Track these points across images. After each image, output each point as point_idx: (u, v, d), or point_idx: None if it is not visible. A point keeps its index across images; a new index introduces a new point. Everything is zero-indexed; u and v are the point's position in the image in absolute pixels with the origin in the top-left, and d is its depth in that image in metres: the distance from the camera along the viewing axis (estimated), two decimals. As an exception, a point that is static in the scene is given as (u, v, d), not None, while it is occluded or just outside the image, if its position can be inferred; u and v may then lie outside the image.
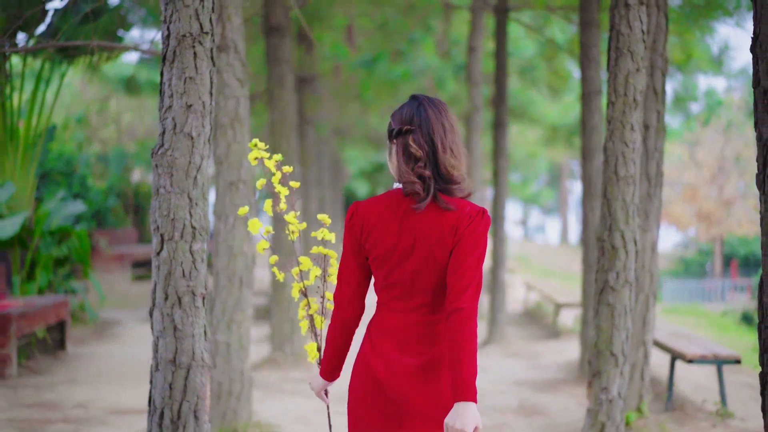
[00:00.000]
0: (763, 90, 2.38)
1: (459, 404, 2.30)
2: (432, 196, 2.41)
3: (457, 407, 2.29)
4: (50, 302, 7.85)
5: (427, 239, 2.42)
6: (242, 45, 4.94)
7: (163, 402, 3.13)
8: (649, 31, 5.29)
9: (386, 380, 2.43)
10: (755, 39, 2.42)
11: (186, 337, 3.13)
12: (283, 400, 6.58)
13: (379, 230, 2.44)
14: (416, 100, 2.50)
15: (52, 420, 5.79)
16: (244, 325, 5.06)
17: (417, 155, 2.41)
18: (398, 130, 2.46)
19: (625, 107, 4.03)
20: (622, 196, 4.08)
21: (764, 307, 2.40)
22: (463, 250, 2.41)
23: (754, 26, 2.41)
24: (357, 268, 2.50)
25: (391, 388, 2.42)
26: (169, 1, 3.12)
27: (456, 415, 2.29)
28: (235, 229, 5.02)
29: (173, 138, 3.11)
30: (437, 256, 2.42)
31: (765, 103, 2.37)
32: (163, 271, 3.12)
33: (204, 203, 3.18)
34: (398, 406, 2.42)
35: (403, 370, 2.42)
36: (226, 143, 5.01)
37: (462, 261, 2.40)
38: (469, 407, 2.29)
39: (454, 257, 2.41)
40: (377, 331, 2.49)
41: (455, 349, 2.34)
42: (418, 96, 2.51)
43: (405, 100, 2.57)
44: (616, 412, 4.15)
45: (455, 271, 2.39)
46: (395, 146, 2.46)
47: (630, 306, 4.16)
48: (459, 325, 2.34)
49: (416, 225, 2.43)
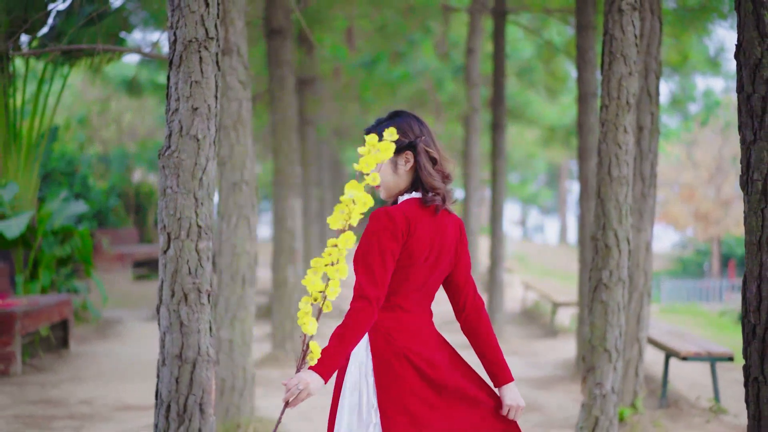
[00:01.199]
0: (747, 95, 2.49)
1: (513, 385, 2.58)
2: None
3: (513, 388, 2.58)
4: (53, 301, 7.95)
5: (450, 244, 2.59)
6: (245, 48, 5.05)
7: (169, 395, 3.23)
8: (644, 35, 5.40)
9: (436, 375, 2.52)
10: (739, 46, 2.53)
11: (192, 333, 3.23)
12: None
13: (418, 236, 2.52)
14: (404, 113, 2.63)
15: (57, 416, 5.89)
16: (246, 322, 5.16)
17: (436, 158, 2.57)
18: (414, 140, 2.56)
19: (618, 110, 4.14)
20: (615, 197, 4.19)
21: (747, 302, 2.52)
22: (467, 250, 2.66)
23: (738, 34, 2.53)
24: (390, 272, 2.51)
25: (443, 379, 2.53)
26: (176, 8, 3.21)
27: (515, 395, 2.57)
28: (238, 228, 5.13)
29: (180, 140, 3.21)
30: (452, 258, 2.61)
31: (748, 108, 2.48)
32: (170, 268, 3.21)
33: (209, 203, 3.28)
34: (459, 394, 2.54)
35: (443, 362, 2.56)
36: (230, 145, 5.11)
37: (468, 259, 2.67)
38: (515, 386, 2.61)
39: (465, 256, 2.64)
40: (398, 332, 2.54)
41: (492, 338, 2.62)
42: (401, 111, 2.65)
43: (402, 103, 2.72)
44: (610, 406, 4.25)
45: (467, 269, 2.65)
46: (420, 155, 2.54)
47: (623, 303, 4.27)
48: (487, 316, 2.64)
49: (441, 230, 2.56)
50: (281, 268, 8.16)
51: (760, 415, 2.52)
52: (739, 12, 2.52)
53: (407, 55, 12.02)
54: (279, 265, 8.18)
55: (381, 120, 2.63)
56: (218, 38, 3.24)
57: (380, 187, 2.58)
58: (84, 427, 5.59)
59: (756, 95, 2.48)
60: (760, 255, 2.49)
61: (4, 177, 9.22)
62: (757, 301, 2.51)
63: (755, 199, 2.48)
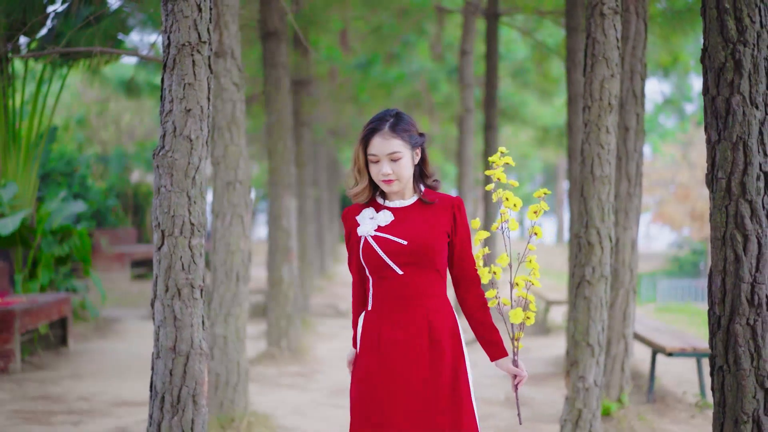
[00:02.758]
0: (711, 97, 2.61)
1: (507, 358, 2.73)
2: None
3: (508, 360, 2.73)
4: (53, 299, 8.06)
5: None
6: (239, 51, 5.16)
7: (163, 387, 3.35)
8: (629, 38, 5.53)
9: None
10: (704, 51, 2.66)
11: (185, 327, 3.35)
12: (280, 393, 6.81)
13: None
14: (394, 110, 2.77)
15: (56, 412, 6.00)
16: (240, 318, 5.28)
17: None
18: (424, 135, 2.79)
19: (600, 111, 4.26)
20: (597, 195, 4.31)
21: (712, 295, 2.64)
22: None
23: (703, 39, 2.65)
24: None
25: None
26: (170, 12, 3.33)
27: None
28: (232, 226, 5.25)
29: (173, 140, 3.32)
30: None
31: (713, 109, 2.61)
32: (164, 264, 3.33)
33: (202, 201, 3.39)
34: None
35: None
36: (224, 145, 5.23)
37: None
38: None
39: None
40: None
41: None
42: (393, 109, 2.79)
43: (397, 103, 2.87)
44: (593, 399, 4.38)
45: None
46: (426, 150, 2.78)
47: (605, 299, 4.39)
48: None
49: None
50: (276, 267, 8.28)
51: (725, 401, 2.64)
52: (704, 18, 2.64)
53: (402, 57, 12.15)
54: (274, 264, 8.30)
55: (387, 115, 2.71)
56: (211, 42, 3.36)
57: (397, 181, 2.68)
58: (83, 422, 5.71)
59: (720, 97, 2.60)
60: (724, 250, 2.61)
61: (3, 177, 9.32)
62: (722, 293, 2.63)
63: (719, 196, 2.61)
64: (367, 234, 2.69)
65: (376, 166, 2.67)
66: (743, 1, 2.55)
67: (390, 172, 2.64)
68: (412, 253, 2.63)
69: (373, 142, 2.65)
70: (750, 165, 2.58)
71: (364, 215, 2.74)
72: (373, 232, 2.69)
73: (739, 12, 2.55)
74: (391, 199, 2.75)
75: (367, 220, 2.72)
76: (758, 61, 2.55)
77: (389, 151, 2.63)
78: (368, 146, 2.67)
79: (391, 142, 2.63)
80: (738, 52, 2.55)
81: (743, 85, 2.56)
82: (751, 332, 2.59)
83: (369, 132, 2.67)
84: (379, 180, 2.68)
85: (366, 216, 2.73)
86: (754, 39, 2.55)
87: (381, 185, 2.71)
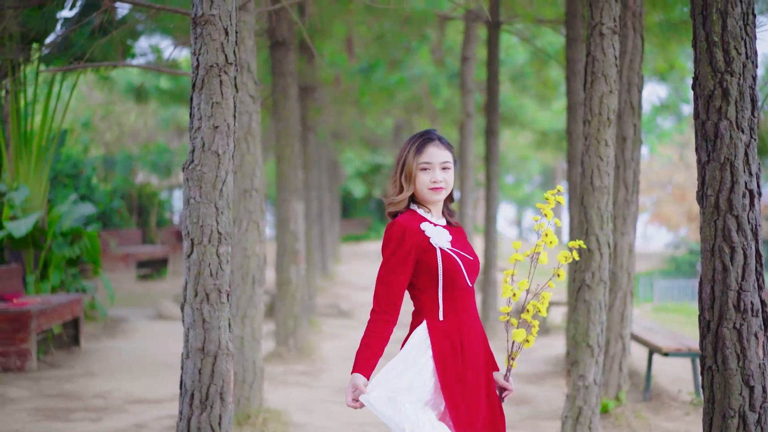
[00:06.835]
0: (702, 122, 2.87)
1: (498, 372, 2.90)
2: None
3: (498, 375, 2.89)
4: (66, 300, 8.29)
5: None
6: (255, 65, 5.41)
7: (192, 385, 3.59)
8: (627, 52, 5.79)
9: None
10: (695, 79, 2.91)
11: (213, 329, 3.58)
12: (288, 390, 7.06)
13: None
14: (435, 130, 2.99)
15: (74, 409, 6.24)
16: (256, 319, 5.53)
17: None
18: None
19: (599, 125, 4.51)
20: (597, 204, 4.56)
21: (702, 302, 2.90)
22: None
23: (695, 69, 2.90)
24: None
25: None
26: (198, 36, 3.56)
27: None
28: (248, 232, 5.49)
29: (202, 155, 3.56)
30: None
31: (703, 133, 2.87)
32: (193, 271, 3.57)
33: (228, 212, 3.62)
34: None
35: None
36: (240, 155, 5.47)
37: None
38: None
39: None
40: None
41: None
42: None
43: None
44: (592, 397, 4.63)
45: None
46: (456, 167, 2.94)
47: (604, 302, 4.65)
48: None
49: None
50: (284, 269, 8.52)
51: (714, 398, 2.90)
52: (695, 49, 2.90)
53: (404, 62, 12.39)
54: (282, 265, 8.53)
55: (433, 131, 2.88)
56: (237, 63, 3.60)
57: (444, 189, 2.81)
58: (102, 419, 5.95)
59: (709, 122, 2.86)
60: (713, 260, 2.87)
61: (15, 180, 9.54)
62: (711, 300, 2.89)
63: (709, 211, 2.87)
64: (444, 246, 2.76)
65: (427, 174, 2.78)
66: (730, 34, 2.80)
67: (441, 179, 2.80)
68: (476, 270, 2.84)
69: (428, 150, 2.79)
70: (736, 184, 2.84)
71: (427, 227, 2.78)
72: (449, 245, 2.79)
73: (727, 44, 2.80)
74: (433, 216, 2.86)
75: (436, 233, 2.78)
76: (744, 90, 2.81)
77: (442, 159, 2.80)
78: (422, 154, 2.79)
79: (444, 153, 2.81)
80: (725, 81, 2.81)
81: (730, 111, 2.82)
82: (738, 335, 2.85)
83: (425, 141, 2.81)
84: (427, 188, 2.79)
85: (429, 228, 2.78)
86: (740, 69, 2.81)
87: (427, 193, 2.80)
